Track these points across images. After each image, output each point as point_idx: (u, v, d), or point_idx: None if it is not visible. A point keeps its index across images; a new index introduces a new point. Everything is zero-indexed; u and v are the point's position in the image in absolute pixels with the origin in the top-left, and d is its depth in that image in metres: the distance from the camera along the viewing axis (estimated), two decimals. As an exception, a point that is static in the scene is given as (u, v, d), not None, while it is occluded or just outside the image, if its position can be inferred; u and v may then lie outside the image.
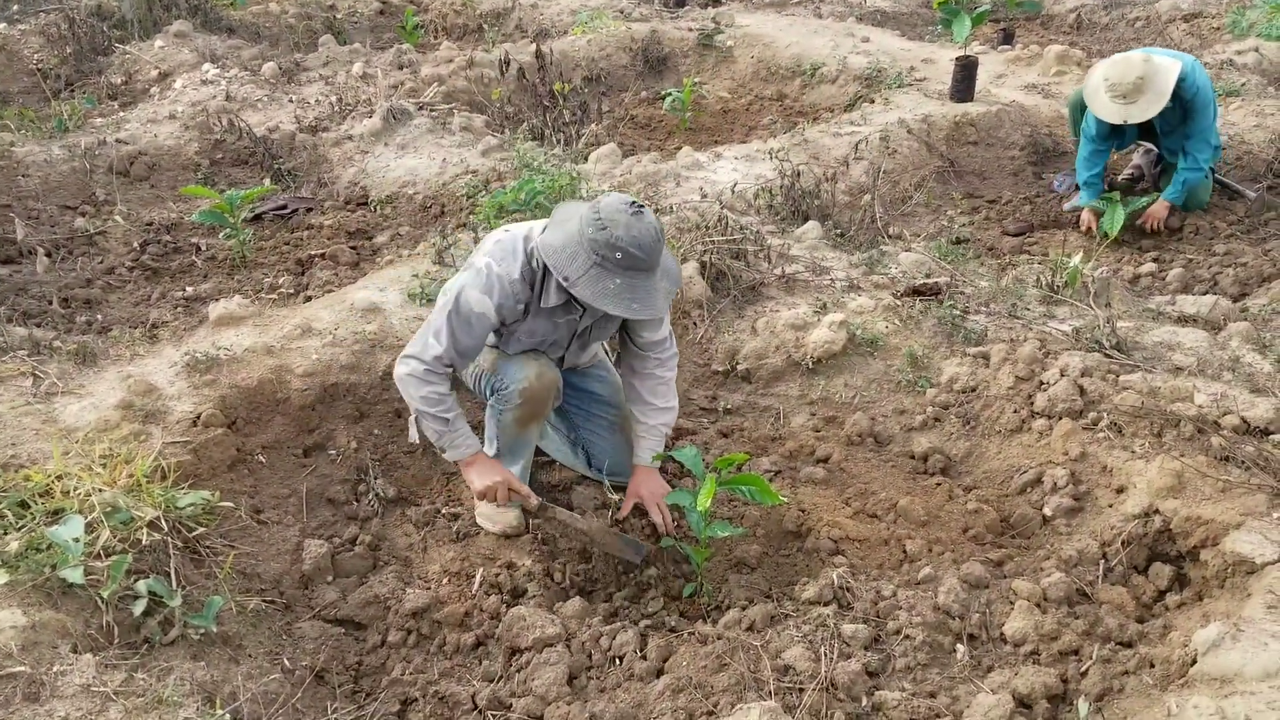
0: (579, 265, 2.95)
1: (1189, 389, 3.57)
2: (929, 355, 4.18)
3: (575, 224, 3.01)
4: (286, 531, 3.59)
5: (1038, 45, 8.40)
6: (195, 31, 9.16)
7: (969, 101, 6.86)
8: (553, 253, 2.99)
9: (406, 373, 3.18)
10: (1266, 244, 5.18)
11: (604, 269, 2.94)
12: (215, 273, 5.38)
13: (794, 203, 5.49)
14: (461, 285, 3.13)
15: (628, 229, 2.92)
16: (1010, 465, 3.66)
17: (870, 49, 8.35)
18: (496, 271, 3.11)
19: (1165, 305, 4.48)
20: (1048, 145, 6.76)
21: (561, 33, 9.55)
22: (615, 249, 2.92)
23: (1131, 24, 9.27)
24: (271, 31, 9.76)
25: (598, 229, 2.93)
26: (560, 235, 3.02)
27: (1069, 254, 4.80)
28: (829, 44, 8.51)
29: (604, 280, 2.95)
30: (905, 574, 3.20)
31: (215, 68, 8.07)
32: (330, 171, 6.49)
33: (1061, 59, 7.75)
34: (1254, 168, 6.02)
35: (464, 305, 3.11)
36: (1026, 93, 7.32)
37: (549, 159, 6.12)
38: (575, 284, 2.96)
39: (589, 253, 2.94)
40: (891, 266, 4.88)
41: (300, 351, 4.11)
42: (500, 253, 3.13)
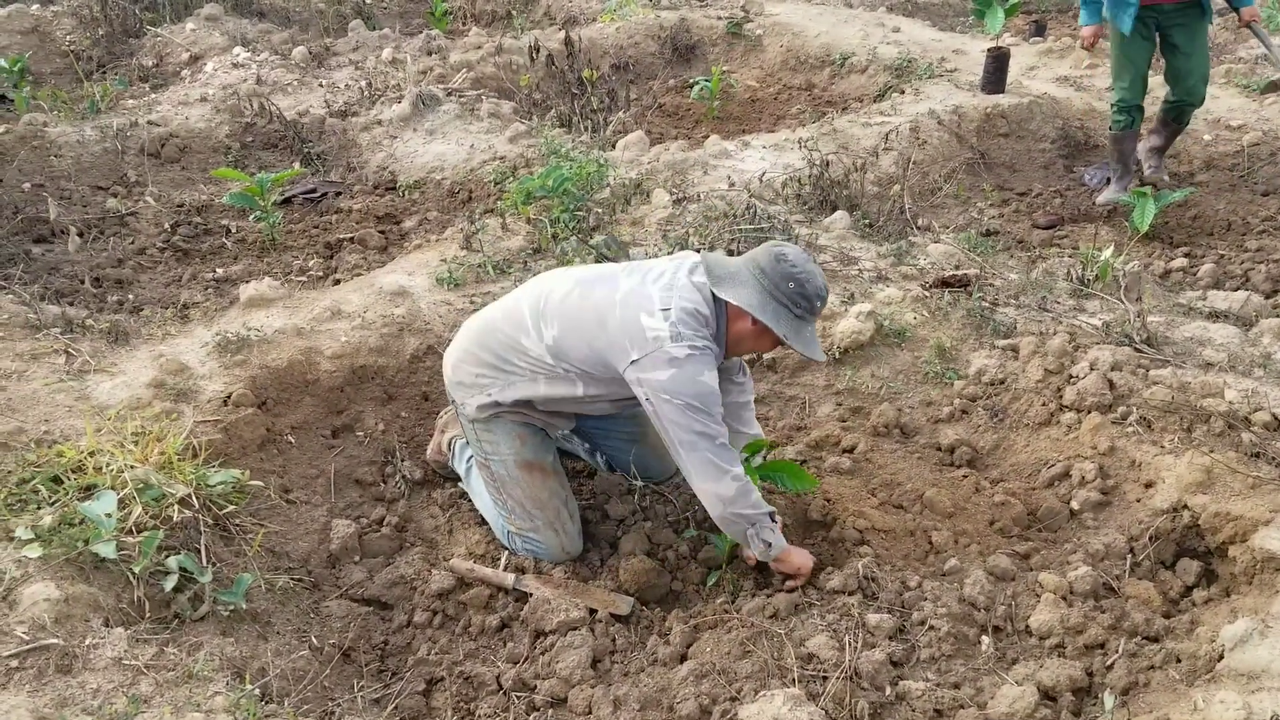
0: (784, 322, 3.00)
1: (1219, 385, 3.54)
2: (957, 347, 4.16)
3: (762, 280, 3.00)
4: (314, 511, 3.62)
5: (1070, 38, 8.33)
6: (226, 15, 9.21)
7: (1000, 93, 6.81)
8: (767, 315, 2.99)
9: (738, 488, 2.95)
10: (1300, 240, 5.13)
11: (803, 320, 3.03)
12: (245, 255, 5.41)
13: (822, 192, 5.48)
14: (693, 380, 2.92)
15: (816, 279, 3.02)
16: (1038, 458, 3.65)
17: (901, 39, 8.30)
18: (708, 346, 3.01)
19: (1196, 300, 4.45)
20: (1079, 138, 6.71)
21: (590, 20, 9.54)
22: (818, 298, 3.02)
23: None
24: (301, 16, 9.80)
25: (798, 284, 2.98)
26: (757, 296, 2.99)
27: (1100, 248, 4.76)
28: (859, 33, 8.46)
29: (804, 329, 3.05)
30: (931, 565, 3.20)
31: (246, 51, 8.11)
32: (359, 156, 6.52)
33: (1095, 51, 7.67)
34: None
35: (711, 389, 2.97)
36: (1058, 85, 7.27)
37: (576, 146, 6.13)
38: (792, 340, 3.02)
39: (791, 305, 2.99)
40: (920, 258, 4.86)
41: (329, 334, 4.14)
42: (695, 325, 2.99)
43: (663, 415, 2.94)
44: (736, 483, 2.96)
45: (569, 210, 5.12)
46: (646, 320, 2.96)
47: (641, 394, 2.97)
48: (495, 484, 3.34)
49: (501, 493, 3.33)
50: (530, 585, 3.23)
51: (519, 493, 3.29)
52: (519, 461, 3.29)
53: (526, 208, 5.22)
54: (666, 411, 2.92)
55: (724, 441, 2.98)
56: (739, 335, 3.11)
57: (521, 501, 3.30)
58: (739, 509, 2.97)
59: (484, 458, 3.33)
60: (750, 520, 2.99)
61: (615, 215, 5.27)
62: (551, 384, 3.15)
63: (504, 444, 3.29)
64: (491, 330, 3.26)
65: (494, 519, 3.46)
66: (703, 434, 2.93)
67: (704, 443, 2.93)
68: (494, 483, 3.34)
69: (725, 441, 2.99)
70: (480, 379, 3.23)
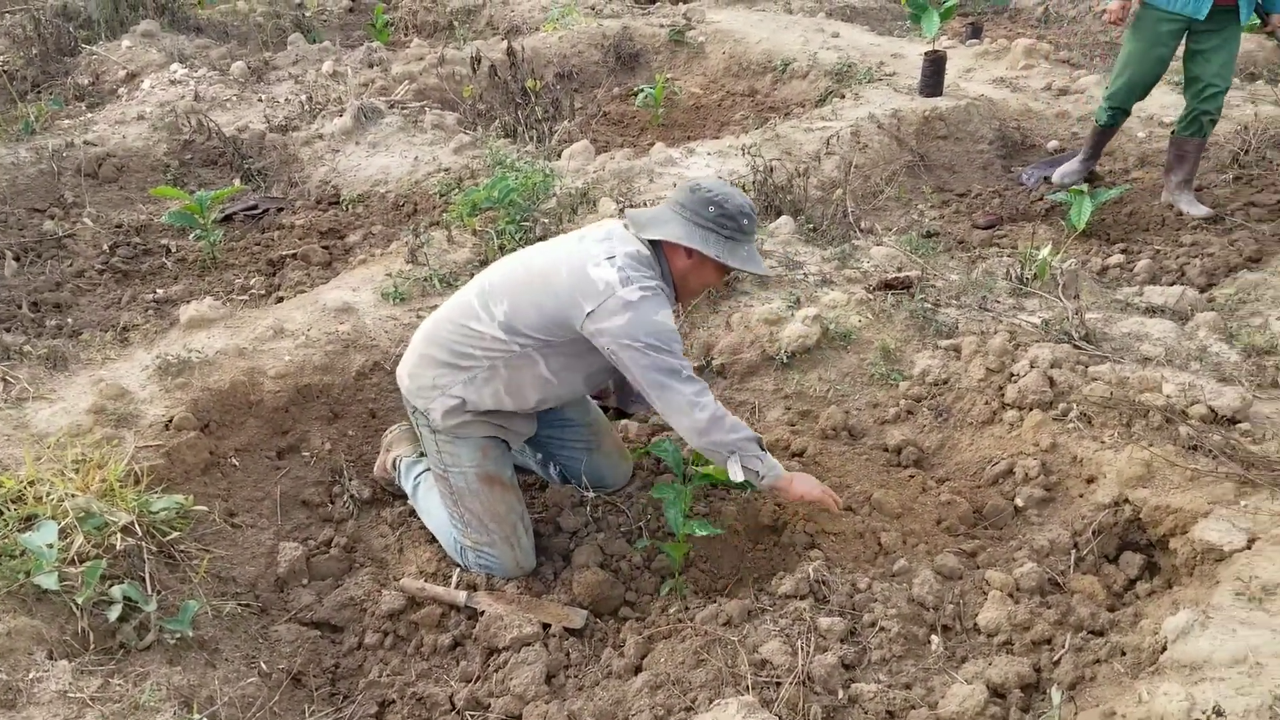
0: (714, 244, 3.06)
1: (1157, 379, 3.62)
2: (901, 348, 4.21)
3: (682, 212, 3.08)
4: (261, 534, 3.58)
5: (1006, 39, 8.46)
6: (163, 31, 9.08)
7: (938, 96, 6.89)
8: (695, 241, 3.05)
9: (709, 416, 2.99)
10: (1233, 234, 5.24)
11: (735, 240, 3.08)
12: (186, 274, 5.34)
13: (767, 198, 5.51)
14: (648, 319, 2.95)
15: (736, 197, 3.09)
16: (982, 457, 3.70)
17: (840, 44, 8.38)
18: (659, 286, 3.06)
19: (1133, 296, 4.53)
20: (1016, 139, 6.81)
21: (533, 29, 9.53)
22: (742, 216, 3.08)
23: (1099, 16, 9.33)
24: (240, 30, 9.69)
25: (718, 206, 3.05)
26: (682, 227, 3.06)
27: (1038, 246, 4.84)
28: (799, 39, 8.53)
29: (739, 248, 3.10)
30: (880, 566, 3.23)
31: (183, 68, 8.01)
32: (301, 171, 6.46)
33: (1029, 53, 7.81)
34: (1220, 159, 6.10)
35: (669, 328, 3.01)
36: (995, 87, 7.38)
37: (522, 156, 6.12)
38: (728, 259, 3.07)
39: (718, 228, 3.05)
40: (863, 260, 4.91)
41: (273, 353, 4.10)
42: (641, 268, 3.04)
43: (626, 360, 2.97)
44: (706, 411, 2.99)
45: (515, 221, 5.10)
46: (594, 271, 3.01)
47: (602, 344, 3.00)
48: (453, 496, 3.32)
49: (459, 505, 3.31)
50: (482, 602, 3.21)
51: (478, 506, 3.28)
52: (480, 474, 3.28)
53: (472, 219, 5.20)
54: (629, 356, 2.96)
55: (690, 374, 3.02)
56: (682, 272, 3.17)
57: (479, 515, 3.28)
58: (715, 437, 3.00)
59: (443, 469, 3.31)
60: (730, 447, 3.02)
61: (562, 225, 5.26)
62: (512, 369, 3.14)
63: (466, 456, 3.27)
64: (440, 327, 3.26)
65: (445, 535, 3.44)
66: (668, 370, 2.97)
67: (671, 379, 2.98)
68: (452, 495, 3.32)
69: (691, 374, 3.03)
70: (440, 379, 3.21)
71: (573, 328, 3.02)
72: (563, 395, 3.29)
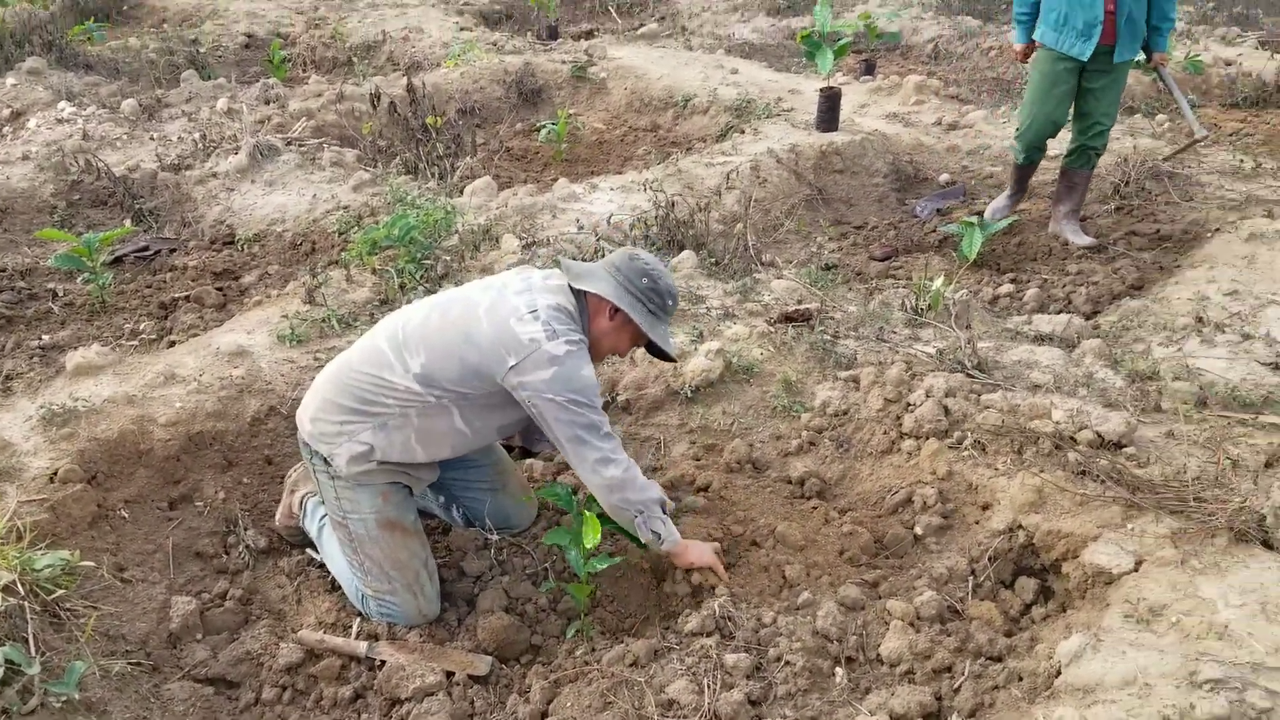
0: (639, 315, 3.13)
1: (1046, 406, 3.73)
2: (803, 380, 4.27)
3: (617, 277, 3.13)
4: (152, 589, 3.45)
5: (898, 75, 8.70)
6: (50, 68, 8.81)
7: (834, 131, 7.05)
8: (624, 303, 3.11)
9: (622, 474, 3.02)
10: (1116, 263, 5.45)
11: (657, 318, 3.17)
12: (73, 319, 5.15)
13: (669, 233, 5.56)
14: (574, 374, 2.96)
15: (668, 277, 3.17)
16: (882, 486, 3.76)
17: (739, 80, 8.53)
18: (583, 340, 3.08)
19: (1023, 325, 4.67)
20: (909, 172, 7.00)
21: (434, 65, 9.50)
22: (669, 296, 3.16)
23: (985, 53, 9.67)
24: (131, 67, 9.44)
25: (651, 280, 3.12)
26: (614, 289, 3.12)
27: (931, 277, 4.96)
28: (700, 75, 8.66)
29: (659, 326, 3.20)
30: (785, 600, 3.24)
31: (72, 106, 7.77)
32: (195, 210, 6.31)
33: (920, 89, 8.05)
34: (1102, 190, 6.34)
35: (593, 384, 3.02)
36: (888, 121, 7.58)
37: (423, 193, 6.07)
38: (649, 331, 3.14)
39: (646, 300, 3.13)
40: (765, 294, 4.97)
41: (163, 400, 3.98)
42: (563, 320, 3.05)
43: (546, 414, 2.97)
44: (620, 469, 3.02)
45: (416, 260, 5.06)
46: (518, 326, 3.00)
47: (524, 397, 2.98)
48: (352, 544, 3.24)
49: (359, 553, 3.24)
50: (384, 652, 3.14)
51: (378, 553, 3.21)
52: (380, 520, 3.21)
53: (372, 258, 5.13)
54: (550, 410, 2.96)
55: (608, 431, 3.04)
56: (600, 332, 3.19)
57: (380, 562, 3.21)
58: (626, 495, 3.03)
59: (341, 516, 3.23)
60: (639, 507, 3.06)
61: (464, 262, 5.24)
62: (425, 418, 3.09)
63: (366, 502, 3.20)
64: (350, 373, 3.16)
65: (348, 582, 3.37)
66: (588, 426, 2.99)
67: (589, 435, 2.99)
68: (351, 542, 3.25)
69: (609, 430, 3.05)
70: (347, 425, 3.12)
71: (494, 380, 3.00)
72: (474, 445, 3.26)
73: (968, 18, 10.87)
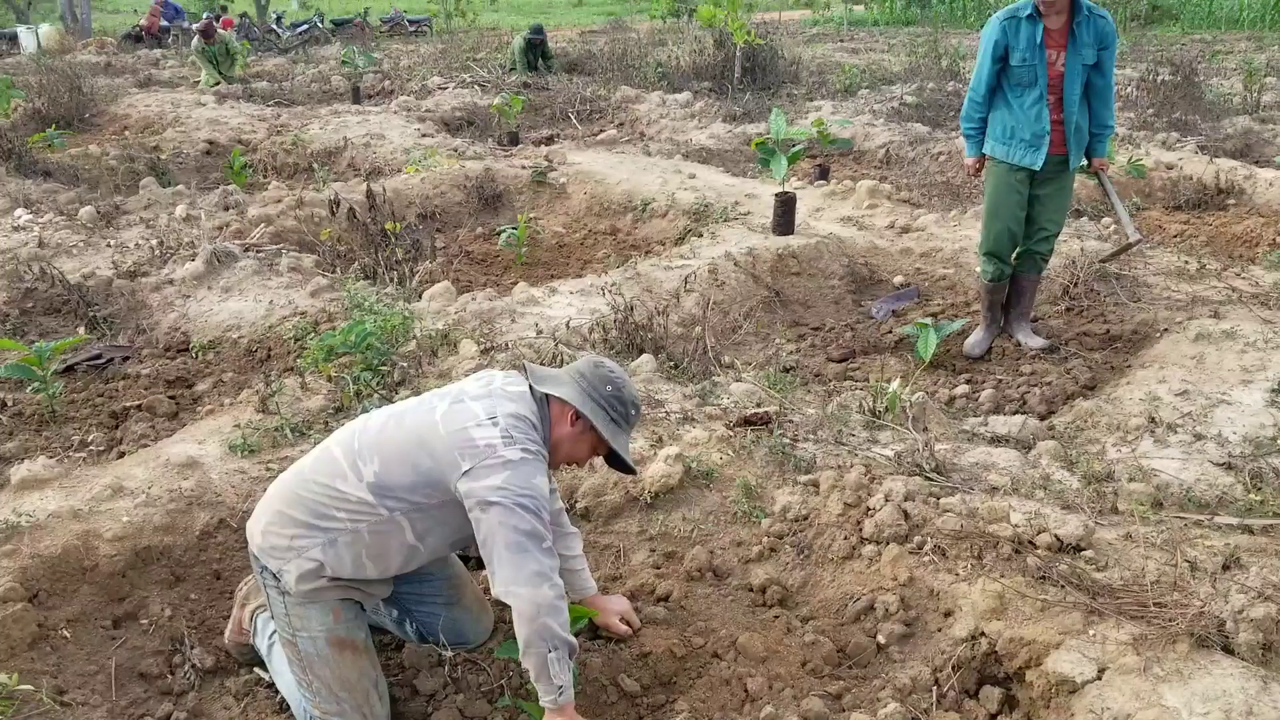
0: (601, 423, 3.09)
1: (1005, 509, 3.73)
2: (762, 485, 4.25)
3: (581, 384, 3.11)
4: (93, 713, 3.31)
5: (851, 180, 8.92)
6: (8, 175, 8.83)
7: (790, 234, 7.18)
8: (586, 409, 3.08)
9: (555, 596, 2.83)
10: (1068, 363, 5.53)
11: (619, 427, 3.13)
12: (21, 430, 5.05)
13: (628, 336, 5.58)
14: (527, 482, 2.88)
15: (632, 388, 3.16)
16: (844, 593, 3.72)
17: (697, 185, 8.69)
18: (540, 451, 3.02)
19: (979, 426, 4.71)
20: (864, 274, 7.11)
21: (396, 171, 9.62)
22: (632, 406, 3.15)
23: (935, 158, 9.95)
24: (91, 174, 9.48)
25: (615, 388, 3.11)
26: (578, 395, 3.09)
27: (888, 379, 5.00)
28: (658, 180, 8.82)
29: (620, 436, 3.14)
30: (748, 715, 3.17)
31: (29, 213, 7.75)
32: (150, 318, 6.26)
33: (873, 193, 8.24)
34: (1052, 292, 6.46)
35: (543, 496, 2.93)
36: (843, 225, 7.72)
37: (381, 298, 6.07)
38: (610, 440, 3.10)
39: (609, 408, 3.10)
40: (723, 397, 4.98)
41: (110, 514, 3.88)
42: (525, 429, 2.99)
43: (491, 517, 2.83)
44: (555, 591, 2.85)
45: (373, 367, 5.02)
46: (476, 431, 2.93)
47: (471, 503, 2.87)
48: (301, 663, 3.13)
49: (307, 672, 3.13)
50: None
51: (327, 673, 3.10)
52: (330, 638, 3.11)
53: (327, 365, 5.09)
54: (495, 514, 2.82)
55: (550, 546, 2.90)
56: (560, 438, 3.14)
57: (329, 683, 3.10)
58: (552, 623, 2.81)
59: (291, 634, 3.12)
60: (557, 642, 2.83)
61: (421, 368, 5.21)
62: (376, 534, 2.99)
63: (316, 619, 3.10)
64: (303, 484, 3.08)
65: (296, 702, 3.24)
66: (531, 534, 2.83)
67: (531, 543, 2.83)
68: (300, 661, 3.14)
69: (551, 547, 2.91)
70: (297, 540, 3.02)
71: (447, 488, 2.93)
72: (427, 560, 3.19)
73: (918, 124, 11.21)
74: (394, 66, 18.50)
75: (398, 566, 3.10)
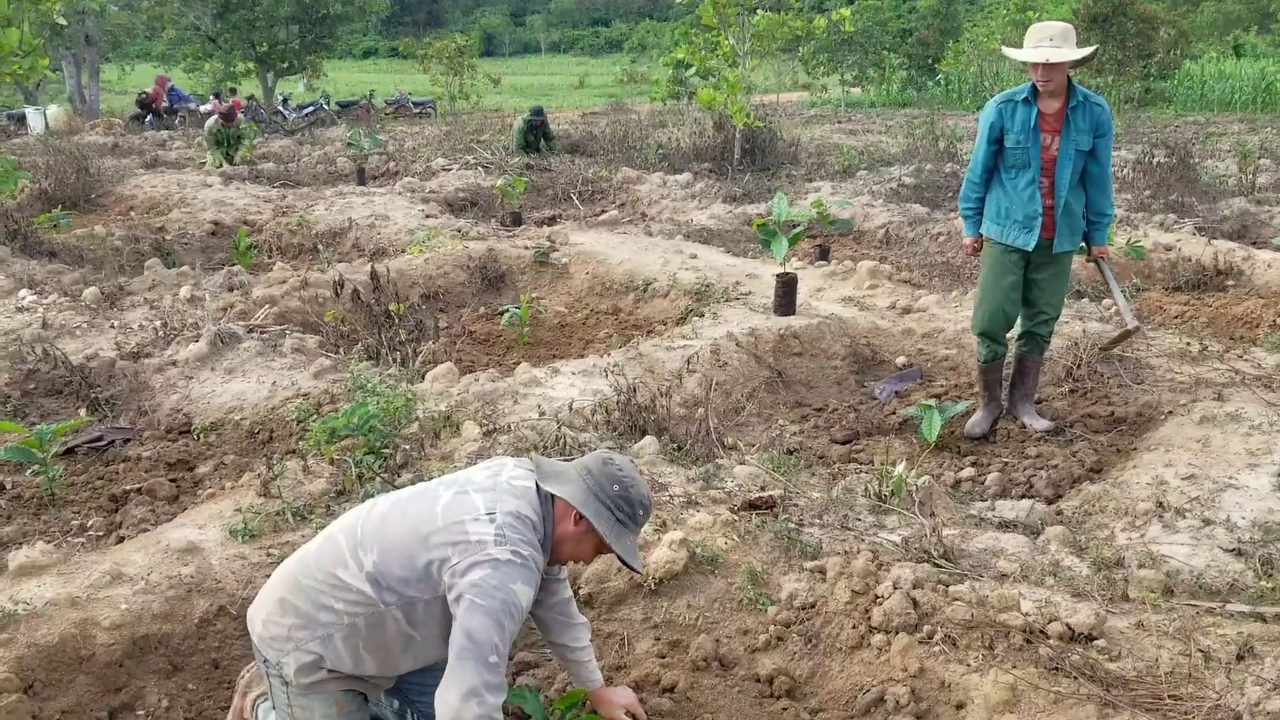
0: (605, 522, 2.99)
1: (1015, 597, 3.68)
2: (768, 571, 4.20)
3: (588, 481, 3.02)
4: (85, 810, 3.24)
5: (851, 260, 8.99)
6: (14, 256, 8.89)
7: (791, 315, 7.21)
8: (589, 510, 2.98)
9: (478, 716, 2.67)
10: (1073, 445, 5.51)
11: (625, 527, 3.02)
12: (20, 513, 5.01)
13: (631, 418, 5.56)
14: (503, 586, 2.77)
15: (641, 487, 3.04)
16: (854, 684, 3.65)
17: (698, 264, 8.76)
18: (533, 556, 2.90)
19: (986, 511, 4.67)
20: (867, 355, 7.12)
21: (400, 251, 9.70)
22: (640, 506, 3.03)
23: (935, 239, 10.04)
24: (96, 255, 9.56)
25: (622, 487, 3.00)
26: (581, 493, 2.99)
27: (893, 462, 4.98)
28: (660, 260, 8.89)
29: (626, 536, 3.03)
30: (756, 811, 3.10)
31: (33, 294, 7.80)
32: (152, 399, 6.25)
33: (874, 273, 8.30)
34: (1055, 373, 6.47)
35: (518, 606, 2.81)
36: (844, 305, 7.77)
37: (384, 379, 6.07)
38: (613, 542, 2.99)
39: (614, 508, 2.99)
40: (727, 480, 4.95)
41: (108, 601, 3.83)
42: (522, 530, 2.90)
43: (458, 612, 2.76)
44: (482, 710, 2.69)
45: (375, 450, 5.00)
46: (471, 526, 2.87)
47: (451, 596, 2.81)
48: None
49: None
50: None
51: None
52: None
53: (330, 448, 5.07)
54: (460, 610, 2.75)
55: (500, 665, 2.76)
56: (562, 536, 3.06)
57: None
58: None
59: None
60: None
61: (424, 451, 5.18)
62: (373, 628, 2.93)
63: (319, 711, 3.03)
64: (306, 571, 3.03)
65: None
66: (481, 643, 2.72)
67: (475, 653, 2.72)
68: None
69: (501, 666, 2.77)
70: (295, 632, 2.97)
71: (438, 582, 2.87)
72: (429, 657, 3.11)
73: (916, 205, 11.34)
74: (399, 148, 18.79)
75: (398, 661, 3.04)
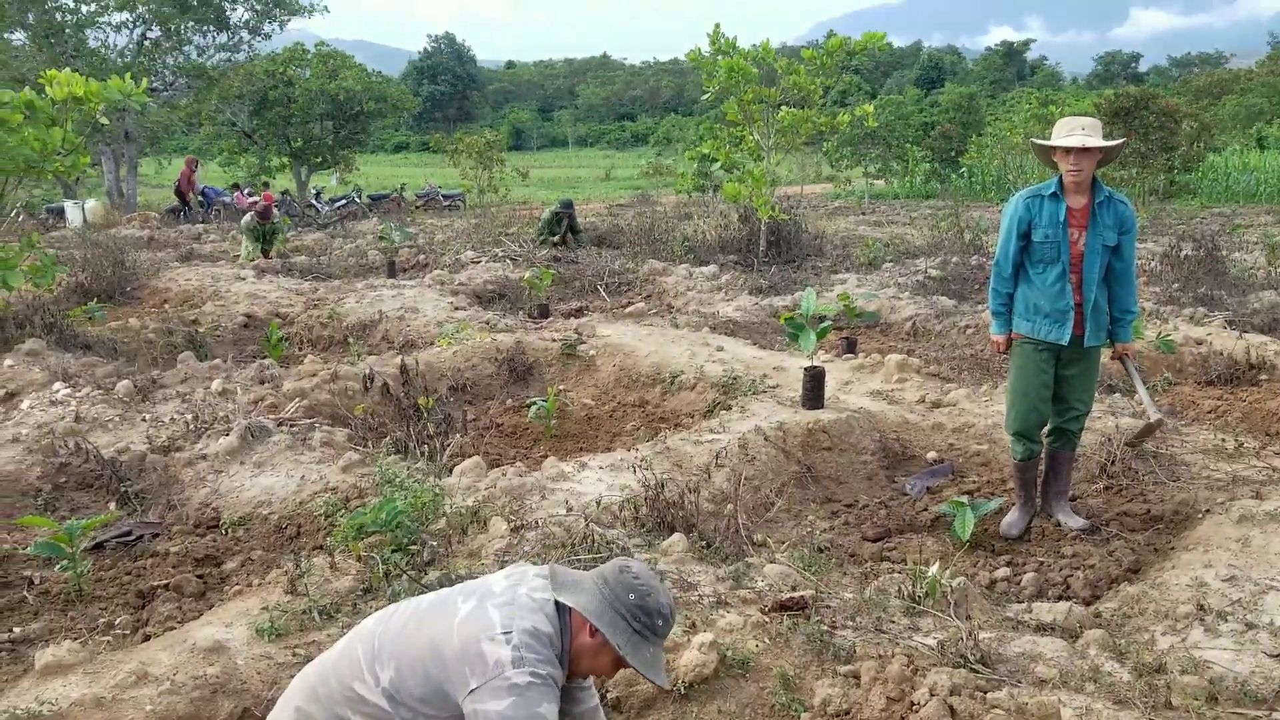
0: (621, 634, 2.90)
1: (1055, 705, 3.58)
2: (800, 675, 4.11)
3: (604, 590, 2.95)
4: None
5: (879, 353, 8.97)
6: (49, 349, 9.03)
7: (820, 408, 7.18)
8: (603, 623, 2.90)
9: None
10: (1110, 544, 5.41)
11: (643, 638, 2.93)
12: (48, 609, 4.99)
13: (659, 514, 5.52)
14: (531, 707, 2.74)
15: (659, 595, 2.96)
16: (890, 796, 3.54)
17: (725, 357, 8.77)
18: (552, 674, 2.86)
19: (1023, 613, 4.57)
20: (897, 450, 7.06)
21: (428, 344, 9.78)
22: (659, 616, 2.94)
23: (963, 331, 10.02)
24: (129, 347, 9.69)
25: (639, 596, 2.92)
26: (596, 604, 2.93)
27: (927, 561, 4.90)
28: (686, 353, 8.91)
29: (644, 648, 2.93)
30: None
31: (66, 386, 7.90)
32: (181, 493, 6.27)
33: (902, 367, 8.28)
34: (1089, 470, 6.38)
35: None
36: (873, 399, 7.73)
37: (412, 473, 6.07)
38: (628, 654, 2.90)
39: (630, 619, 2.91)
40: (758, 579, 4.88)
41: (133, 702, 3.79)
42: (539, 649, 2.86)
43: None
44: None
45: (402, 546, 4.98)
46: (487, 646, 2.82)
47: None
48: None
49: None
50: None
51: None
52: None
53: (357, 544, 5.05)
54: None
55: None
56: (579, 649, 2.99)
57: None
58: None
59: None
60: None
61: (451, 547, 5.16)
62: None
63: None
64: (323, 680, 3.00)
65: None
66: None
67: None
68: None
69: None
70: None
71: (456, 702, 2.84)
72: None
73: (943, 297, 11.36)
74: (429, 240, 19.09)
75: None
